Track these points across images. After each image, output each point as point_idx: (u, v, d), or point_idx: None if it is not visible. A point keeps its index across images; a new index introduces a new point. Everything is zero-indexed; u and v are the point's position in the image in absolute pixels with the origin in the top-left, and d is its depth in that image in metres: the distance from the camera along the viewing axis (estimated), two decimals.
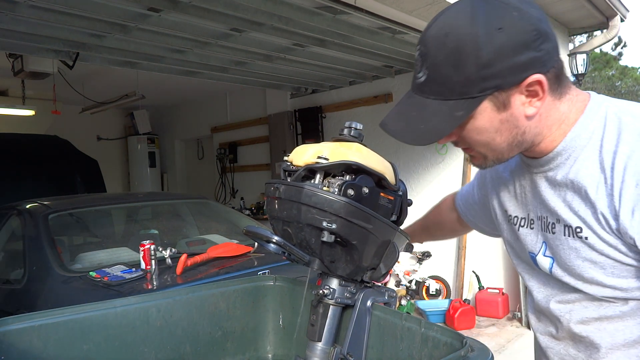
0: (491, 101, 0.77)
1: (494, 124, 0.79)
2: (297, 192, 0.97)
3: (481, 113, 0.78)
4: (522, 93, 0.77)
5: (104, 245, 3.22)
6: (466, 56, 0.74)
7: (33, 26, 3.29)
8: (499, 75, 0.74)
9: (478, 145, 0.84)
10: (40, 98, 6.18)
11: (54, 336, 1.13)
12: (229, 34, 3.66)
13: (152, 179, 8.37)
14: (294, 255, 1.02)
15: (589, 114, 0.83)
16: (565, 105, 0.83)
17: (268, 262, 2.70)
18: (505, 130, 0.80)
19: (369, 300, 1.09)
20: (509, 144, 0.82)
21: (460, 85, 0.76)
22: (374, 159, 1.04)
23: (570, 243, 0.84)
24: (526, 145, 0.84)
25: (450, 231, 1.39)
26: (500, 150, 0.84)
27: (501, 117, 0.79)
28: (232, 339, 1.41)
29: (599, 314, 0.85)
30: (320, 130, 6.14)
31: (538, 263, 0.93)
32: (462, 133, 0.82)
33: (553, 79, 0.79)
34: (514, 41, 0.74)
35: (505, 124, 0.80)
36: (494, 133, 0.81)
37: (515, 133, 0.81)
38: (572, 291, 0.88)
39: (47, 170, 5.15)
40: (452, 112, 0.77)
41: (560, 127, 0.83)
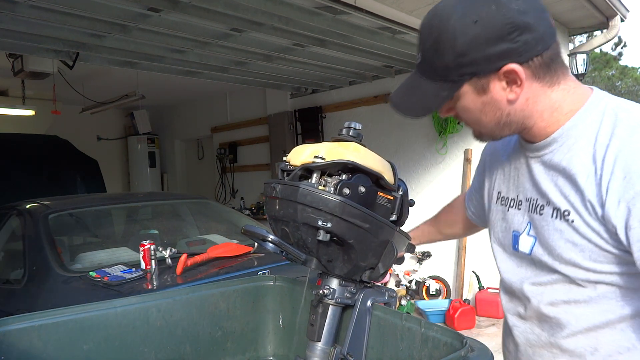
0: (471, 85, 0.86)
1: (477, 105, 0.88)
2: (293, 191, 0.97)
3: (464, 95, 0.87)
4: (500, 80, 0.84)
5: (104, 245, 3.22)
6: (444, 45, 0.83)
7: (33, 26, 3.29)
8: (473, 63, 0.82)
9: (469, 122, 0.94)
10: (40, 98, 6.18)
11: (54, 336, 1.13)
12: (229, 34, 3.66)
13: (152, 179, 8.37)
14: (291, 255, 1.02)
15: (588, 107, 0.88)
16: (559, 93, 0.88)
17: (268, 262, 2.70)
18: (489, 112, 0.88)
19: (369, 300, 1.09)
20: (496, 123, 0.90)
21: (442, 70, 0.85)
22: (372, 158, 1.04)
23: (556, 225, 0.89)
24: (516, 126, 0.91)
25: (463, 229, 1.40)
26: (490, 129, 0.92)
27: (482, 99, 0.87)
28: (232, 339, 1.41)
29: (568, 297, 0.90)
30: (320, 130, 6.14)
31: (519, 242, 0.97)
32: (454, 109, 0.92)
33: (539, 67, 0.84)
34: (488, 33, 0.80)
35: (488, 106, 0.87)
36: (479, 113, 0.89)
37: (499, 115, 0.89)
38: (547, 273, 0.93)
39: (47, 170, 5.15)
40: (438, 92, 0.87)
41: (553, 115, 0.89)
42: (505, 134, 0.93)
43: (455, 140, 5.01)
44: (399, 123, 5.44)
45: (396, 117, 5.45)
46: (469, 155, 4.92)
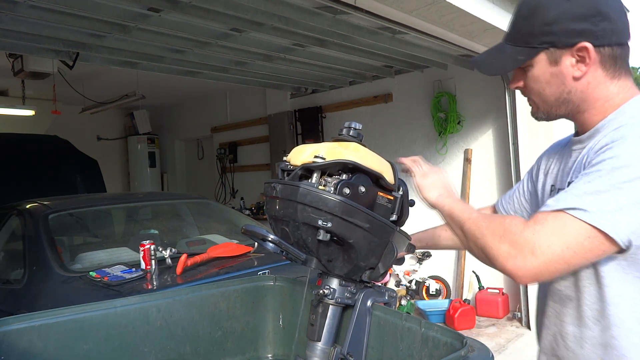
0: (546, 54, 0.98)
1: (545, 75, 0.99)
2: (293, 191, 0.97)
3: (538, 63, 0.99)
4: (572, 56, 0.96)
5: (104, 245, 3.22)
6: (536, 13, 0.98)
7: (33, 26, 3.29)
8: (555, 33, 0.96)
9: (533, 93, 1.04)
10: (40, 98, 6.18)
11: (54, 336, 1.13)
12: (229, 34, 3.66)
13: (152, 179, 8.36)
14: (291, 255, 1.02)
15: (631, 103, 0.97)
16: (615, 88, 0.98)
17: (268, 262, 2.70)
18: (553, 84, 0.99)
19: (369, 300, 1.09)
20: (556, 98, 1.01)
21: (526, 35, 0.99)
22: (372, 158, 1.04)
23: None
24: (572, 106, 1.01)
25: None
26: (549, 103, 1.02)
27: (552, 70, 0.98)
28: (232, 339, 1.41)
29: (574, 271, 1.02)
30: (320, 130, 6.14)
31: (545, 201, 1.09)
32: (524, 79, 1.04)
33: (607, 57, 0.96)
34: (575, 11, 0.95)
35: (555, 78, 0.99)
36: (545, 84, 1.00)
37: (562, 90, 0.99)
38: None
39: (47, 170, 5.15)
40: (516, 55, 1.01)
41: (604, 105, 0.98)
42: (560, 112, 1.02)
43: (455, 140, 5.01)
44: (399, 123, 5.44)
45: (396, 117, 5.46)
46: (469, 155, 4.92)
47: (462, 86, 4.94)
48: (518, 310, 4.50)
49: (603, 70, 0.97)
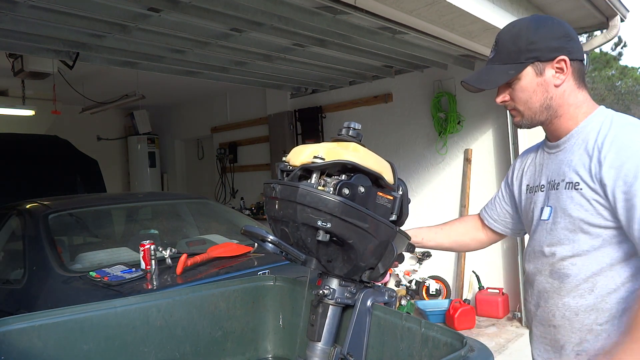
0: (532, 68, 1.19)
1: (532, 85, 1.20)
2: (293, 191, 0.97)
3: (525, 75, 1.20)
4: (553, 67, 1.19)
5: (104, 245, 3.22)
6: (520, 36, 1.21)
7: (33, 26, 3.29)
8: (540, 49, 1.19)
9: (520, 102, 1.23)
10: (40, 98, 6.18)
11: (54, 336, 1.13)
12: (229, 34, 3.66)
13: (152, 179, 8.36)
14: (290, 255, 1.02)
15: (598, 112, 1.23)
16: (582, 96, 1.23)
17: (268, 262, 2.70)
18: (539, 92, 1.20)
19: (369, 300, 1.09)
20: (541, 104, 1.21)
21: (514, 53, 1.20)
22: (371, 158, 1.04)
23: (568, 194, 1.19)
24: (552, 112, 1.22)
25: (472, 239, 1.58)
26: (534, 109, 1.22)
27: (538, 80, 1.20)
28: (232, 339, 1.41)
29: (574, 252, 1.19)
30: (320, 130, 6.14)
31: (542, 213, 1.27)
32: (511, 91, 1.23)
33: (576, 69, 1.21)
34: (553, 32, 1.21)
35: (540, 87, 1.20)
36: (532, 93, 1.21)
37: (546, 96, 1.20)
38: (561, 233, 1.21)
39: (47, 170, 5.15)
40: (507, 70, 1.21)
41: (575, 111, 1.22)
42: (542, 118, 1.23)
43: (455, 140, 5.01)
44: (399, 123, 5.44)
45: (396, 117, 5.46)
46: (469, 155, 4.92)
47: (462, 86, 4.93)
48: (518, 310, 4.49)
49: (574, 80, 1.22)
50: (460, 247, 1.65)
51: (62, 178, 5.14)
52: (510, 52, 1.20)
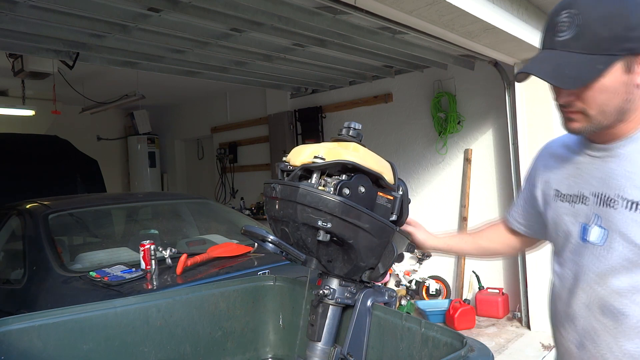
0: (623, 62, 0.92)
1: (616, 85, 0.93)
2: (293, 191, 0.97)
3: (612, 72, 0.92)
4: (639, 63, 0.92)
5: (104, 245, 3.22)
6: (617, 17, 0.91)
7: (33, 26, 3.29)
8: (637, 39, 0.90)
9: (594, 104, 0.95)
10: (40, 98, 6.18)
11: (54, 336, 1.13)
12: (229, 34, 3.66)
13: (152, 179, 8.36)
14: (290, 255, 1.02)
15: None
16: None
17: (268, 262, 2.70)
18: (621, 93, 0.94)
19: (369, 300, 1.09)
20: (618, 108, 0.95)
21: (606, 42, 0.91)
22: (372, 158, 1.04)
23: (632, 216, 0.94)
24: (621, 117, 0.96)
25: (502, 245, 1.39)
26: (608, 113, 0.95)
27: (623, 79, 0.93)
28: (232, 339, 1.41)
29: (635, 286, 0.95)
30: (320, 130, 6.14)
31: (589, 234, 1.02)
32: (584, 92, 0.94)
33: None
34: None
35: (623, 87, 0.93)
36: (613, 93, 0.94)
37: (626, 98, 0.95)
38: (615, 263, 0.97)
39: (47, 170, 5.15)
40: (594, 64, 0.91)
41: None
42: (610, 122, 0.97)
43: (455, 140, 5.01)
44: (399, 123, 5.44)
45: (396, 117, 5.46)
46: (469, 155, 4.92)
47: (462, 86, 4.93)
48: (518, 310, 4.49)
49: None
50: (488, 253, 1.44)
51: (62, 178, 5.15)
52: (601, 38, 0.90)
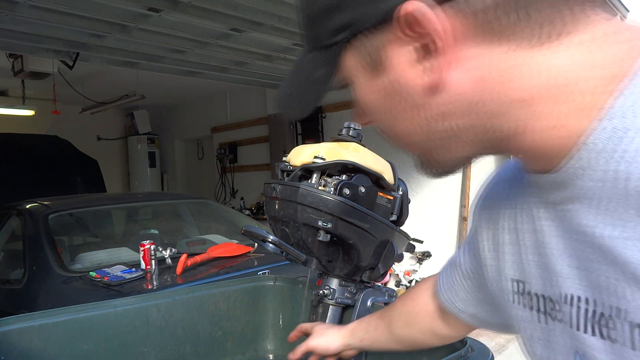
0: (355, 54, 0.47)
1: (376, 98, 0.49)
2: (293, 191, 0.97)
3: (353, 76, 0.50)
4: (404, 42, 0.43)
5: (104, 245, 3.22)
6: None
7: (33, 26, 3.29)
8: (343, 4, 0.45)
9: (388, 136, 0.53)
10: (40, 98, 6.18)
11: (54, 336, 1.13)
12: (229, 34, 3.66)
13: (152, 179, 8.36)
14: (291, 255, 1.02)
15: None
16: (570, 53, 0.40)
17: (268, 262, 2.70)
18: (401, 111, 0.47)
19: (369, 301, 1.09)
20: (425, 138, 0.48)
21: (308, 25, 0.50)
22: (372, 158, 1.04)
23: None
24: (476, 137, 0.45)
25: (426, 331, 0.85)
26: (421, 148, 0.50)
27: (381, 85, 0.47)
28: (232, 339, 1.41)
29: None
30: (320, 130, 6.13)
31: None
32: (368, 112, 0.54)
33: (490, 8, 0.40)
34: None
35: (394, 98, 0.47)
36: (385, 115, 0.50)
37: (423, 118, 0.46)
38: None
39: (47, 170, 5.15)
40: (313, 70, 0.52)
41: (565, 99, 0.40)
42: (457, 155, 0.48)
43: None
44: None
45: None
46: None
47: None
48: None
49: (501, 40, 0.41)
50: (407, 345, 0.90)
51: (62, 178, 5.15)
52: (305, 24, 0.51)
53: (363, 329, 0.93)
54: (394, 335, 0.88)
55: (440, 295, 0.78)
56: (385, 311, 0.91)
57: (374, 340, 0.91)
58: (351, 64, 0.49)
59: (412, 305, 0.86)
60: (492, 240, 0.60)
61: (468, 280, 0.70)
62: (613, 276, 0.39)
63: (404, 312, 0.87)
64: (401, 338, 0.88)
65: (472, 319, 0.74)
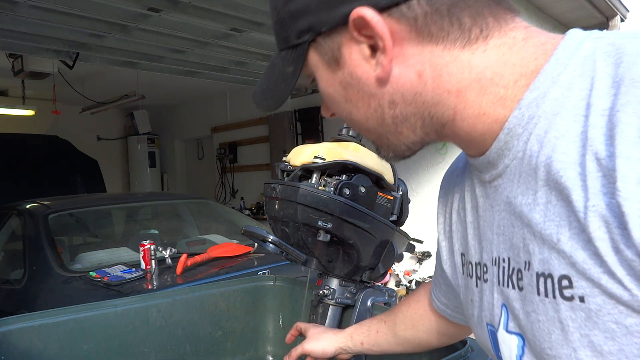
0: (318, 52, 0.56)
1: (336, 89, 0.57)
2: (293, 191, 0.97)
3: (317, 71, 0.58)
4: (356, 41, 0.51)
5: (104, 245, 3.22)
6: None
7: (33, 26, 3.29)
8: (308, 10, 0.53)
9: (347, 122, 0.62)
10: (40, 98, 6.18)
11: (54, 336, 1.13)
12: (229, 34, 3.66)
13: (152, 179, 8.36)
14: (291, 255, 1.02)
15: (560, 59, 0.46)
16: (488, 54, 0.49)
17: (268, 262, 2.70)
18: (357, 100, 0.56)
19: (369, 300, 1.09)
20: (379, 123, 0.56)
21: (278, 27, 0.58)
22: (372, 158, 1.04)
23: (550, 309, 0.45)
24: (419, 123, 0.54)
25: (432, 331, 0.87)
26: (376, 132, 0.58)
27: (340, 78, 0.55)
28: (232, 339, 1.41)
29: None
30: (320, 130, 6.14)
31: (500, 346, 0.55)
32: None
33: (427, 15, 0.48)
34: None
35: (351, 89, 0.55)
36: (345, 104, 0.58)
37: (375, 105, 0.54)
38: None
39: (47, 170, 5.15)
40: (284, 67, 0.59)
41: (487, 91, 0.49)
42: (408, 140, 0.56)
43: None
44: None
45: None
46: None
47: None
48: None
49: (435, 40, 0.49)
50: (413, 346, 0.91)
51: (62, 178, 5.15)
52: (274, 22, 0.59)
53: (363, 333, 0.94)
54: (398, 337, 0.90)
55: (432, 294, 0.84)
56: (389, 314, 0.93)
57: (374, 344, 0.93)
58: (315, 60, 0.57)
59: (417, 307, 0.89)
60: (444, 224, 0.69)
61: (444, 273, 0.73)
62: (527, 237, 0.47)
63: (409, 314, 0.89)
64: (406, 340, 0.90)
65: (452, 311, 0.79)
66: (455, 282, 0.69)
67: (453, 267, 0.68)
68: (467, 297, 0.63)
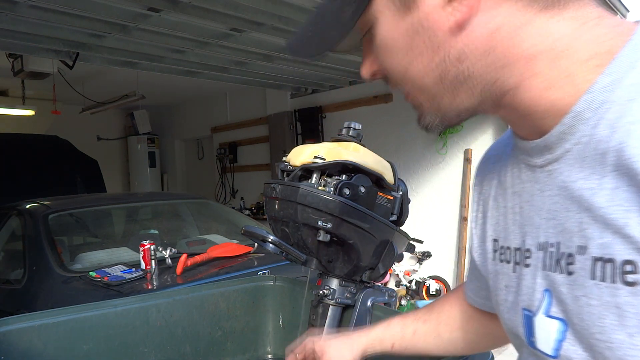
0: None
1: (401, 37, 0.51)
2: (293, 191, 0.97)
3: (380, 16, 0.52)
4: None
5: (104, 245, 3.22)
6: None
7: (33, 26, 3.29)
8: None
9: (398, 79, 0.55)
10: (40, 98, 6.18)
11: (54, 336, 1.13)
12: (229, 34, 3.66)
13: (152, 179, 8.37)
14: (291, 255, 1.02)
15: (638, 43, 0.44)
16: (568, 24, 0.47)
17: (268, 262, 2.70)
18: (422, 50, 0.50)
19: (369, 301, 1.09)
20: (437, 80, 0.51)
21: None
22: (372, 158, 1.04)
23: (605, 294, 0.43)
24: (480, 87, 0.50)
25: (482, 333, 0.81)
26: (430, 92, 0.53)
27: (407, 24, 0.50)
28: (232, 339, 1.41)
29: None
30: (320, 131, 6.13)
31: (535, 332, 0.53)
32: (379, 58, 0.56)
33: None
34: None
35: (418, 37, 0.50)
36: (406, 55, 0.52)
37: (440, 58, 0.50)
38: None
39: (47, 170, 5.15)
40: (339, 13, 0.54)
41: (559, 64, 0.46)
42: (461, 105, 0.52)
43: (455, 140, 5.01)
44: (399, 123, 5.44)
45: (396, 117, 5.46)
46: (469, 155, 4.92)
47: None
48: None
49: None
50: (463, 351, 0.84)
51: (62, 178, 5.15)
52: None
53: (395, 335, 0.85)
54: (442, 338, 0.83)
55: (465, 289, 0.80)
56: (428, 313, 0.85)
57: (409, 345, 0.84)
58: (381, 4, 0.52)
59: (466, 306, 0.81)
60: (477, 211, 0.68)
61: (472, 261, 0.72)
62: (585, 221, 0.45)
63: (453, 315, 0.83)
64: (451, 342, 0.83)
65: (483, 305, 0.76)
66: (484, 269, 0.67)
67: (483, 255, 0.66)
68: (498, 283, 0.61)
